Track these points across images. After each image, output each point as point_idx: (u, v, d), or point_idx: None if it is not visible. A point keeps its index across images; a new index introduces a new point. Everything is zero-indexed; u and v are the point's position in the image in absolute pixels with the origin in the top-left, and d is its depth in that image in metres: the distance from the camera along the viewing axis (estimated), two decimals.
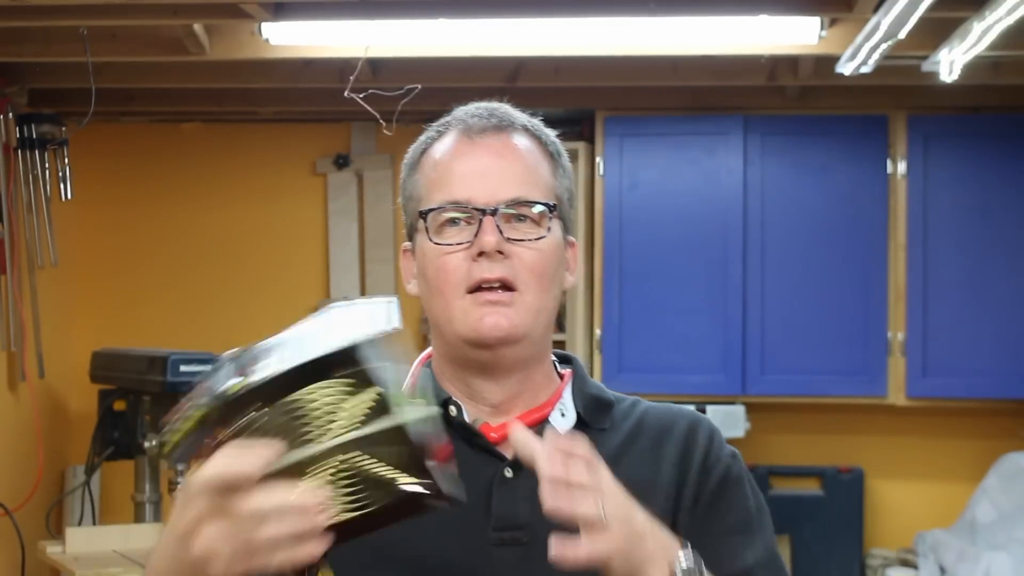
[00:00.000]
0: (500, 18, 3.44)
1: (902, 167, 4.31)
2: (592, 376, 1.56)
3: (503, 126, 1.42)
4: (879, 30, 2.97)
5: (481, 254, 1.35)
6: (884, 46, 3.10)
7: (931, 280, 4.30)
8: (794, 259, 4.35)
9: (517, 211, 1.38)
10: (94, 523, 4.16)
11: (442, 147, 1.43)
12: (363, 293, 4.76)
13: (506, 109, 1.45)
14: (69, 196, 4.22)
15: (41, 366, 4.27)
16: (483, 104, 1.46)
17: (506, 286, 1.36)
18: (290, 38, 3.63)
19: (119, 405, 4.09)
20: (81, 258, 4.77)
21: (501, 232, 1.36)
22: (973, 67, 3.34)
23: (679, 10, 3.34)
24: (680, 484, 1.39)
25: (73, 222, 4.58)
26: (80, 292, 4.81)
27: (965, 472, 4.48)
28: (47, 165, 4.18)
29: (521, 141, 1.42)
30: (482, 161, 1.39)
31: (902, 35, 2.99)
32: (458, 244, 1.37)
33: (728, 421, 4.28)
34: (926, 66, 3.41)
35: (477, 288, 1.36)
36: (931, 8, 2.81)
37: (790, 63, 3.91)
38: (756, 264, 4.34)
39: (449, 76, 3.83)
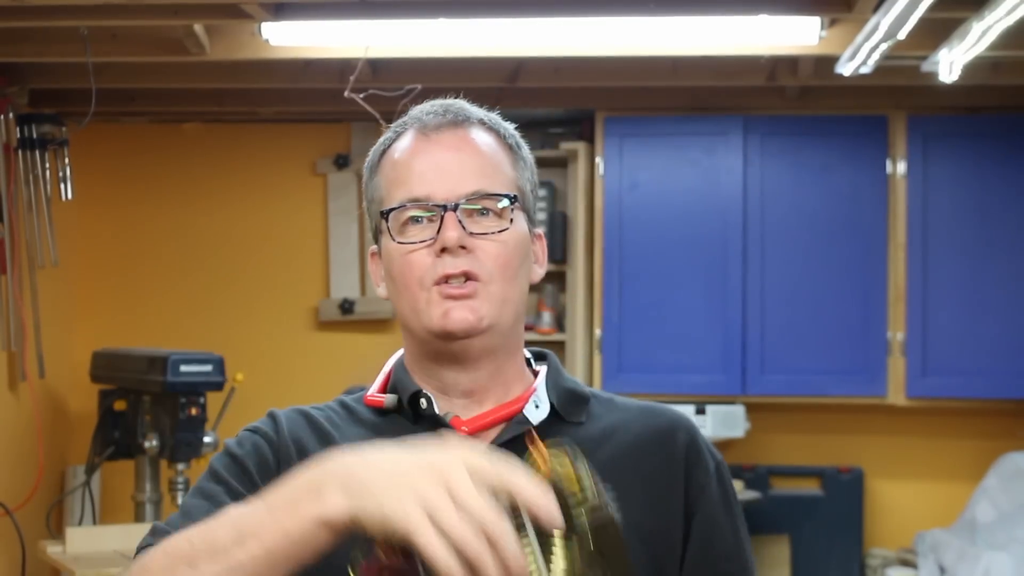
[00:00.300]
0: (500, 18, 3.44)
1: (901, 167, 4.31)
2: (592, 376, 1.56)
3: (459, 121, 1.42)
4: (879, 30, 2.97)
5: (444, 250, 1.35)
6: (884, 46, 3.11)
7: (931, 280, 4.30)
8: (794, 259, 4.35)
9: (479, 205, 1.37)
10: (94, 523, 4.16)
11: (400, 147, 1.42)
12: (363, 293, 4.76)
13: (461, 104, 1.44)
14: (70, 196, 4.22)
15: (41, 366, 4.27)
16: (438, 101, 1.45)
17: (470, 277, 1.35)
18: (290, 38, 3.63)
19: (119, 405, 4.10)
20: (81, 258, 4.77)
21: (464, 227, 1.35)
22: (972, 67, 3.34)
23: (679, 10, 3.34)
24: (664, 497, 1.36)
25: (73, 222, 4.59)
26: (80, 292, 4.81)
27: (965, 472, 4.48)
28: (48, 165, 4.18)
29: (478, 135, 1.41)
30: (440, 157, 1.39)
31: (902, 35, 2.99)
32: (421, 241, 1.36)
33: (728, 421, 4.29)
34: (926, 66, 3.41)
35: (442, 282, 1.35)
36: (931, 8, 2.82)
37: (790, 63, 3.91)
38: (756, 264, 4.34)
39: (449, 76, 3.83)
